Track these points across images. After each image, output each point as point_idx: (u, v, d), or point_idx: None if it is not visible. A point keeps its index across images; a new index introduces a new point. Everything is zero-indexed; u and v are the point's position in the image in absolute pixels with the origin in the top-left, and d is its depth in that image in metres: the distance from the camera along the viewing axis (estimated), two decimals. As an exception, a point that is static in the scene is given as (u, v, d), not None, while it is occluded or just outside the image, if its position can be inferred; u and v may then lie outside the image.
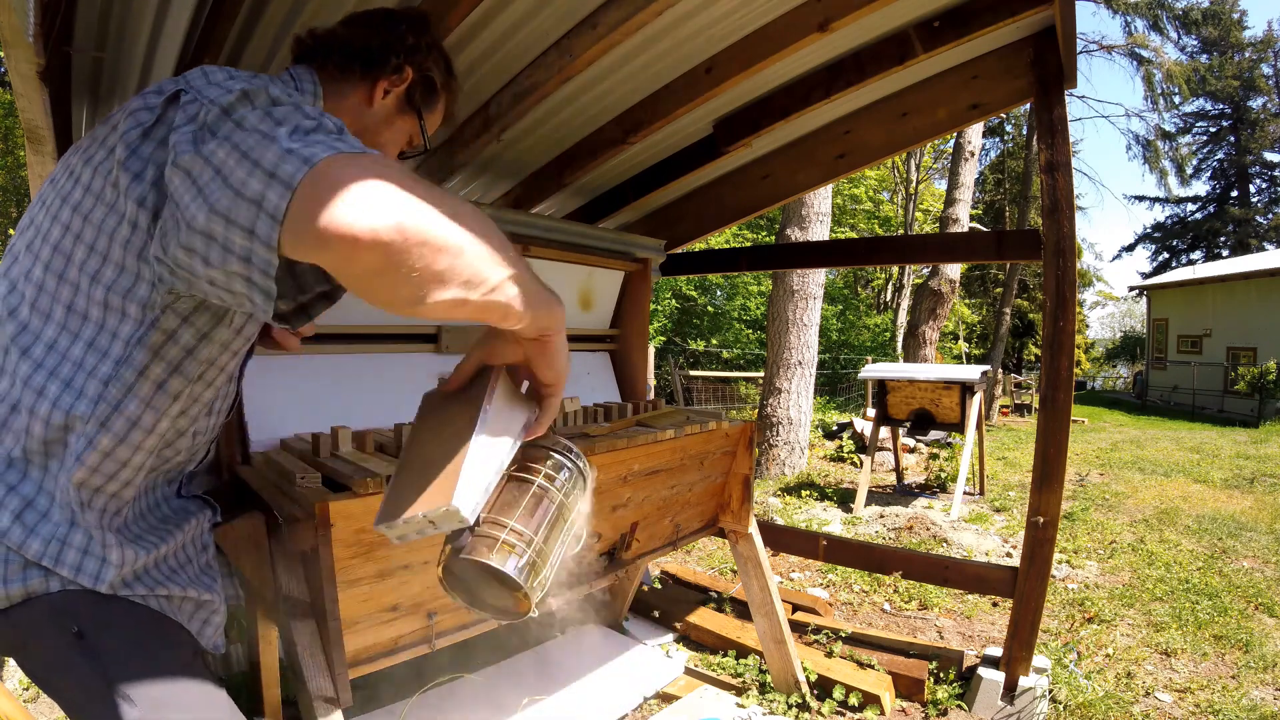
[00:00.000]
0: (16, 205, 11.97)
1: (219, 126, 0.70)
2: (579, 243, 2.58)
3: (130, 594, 0.89)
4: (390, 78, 1.06)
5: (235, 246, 0.66)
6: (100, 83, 1.77)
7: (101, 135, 0.83)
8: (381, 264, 0.60)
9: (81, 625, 0.84)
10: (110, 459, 0.86)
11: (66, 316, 0.82)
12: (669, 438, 1.94)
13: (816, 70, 2.39)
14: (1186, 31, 22.04)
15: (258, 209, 0.63)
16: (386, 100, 1.07)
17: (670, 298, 13.71)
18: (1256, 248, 25.66)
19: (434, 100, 1.13)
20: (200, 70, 0.82)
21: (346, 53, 1.04)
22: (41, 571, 0.83)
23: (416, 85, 1.09)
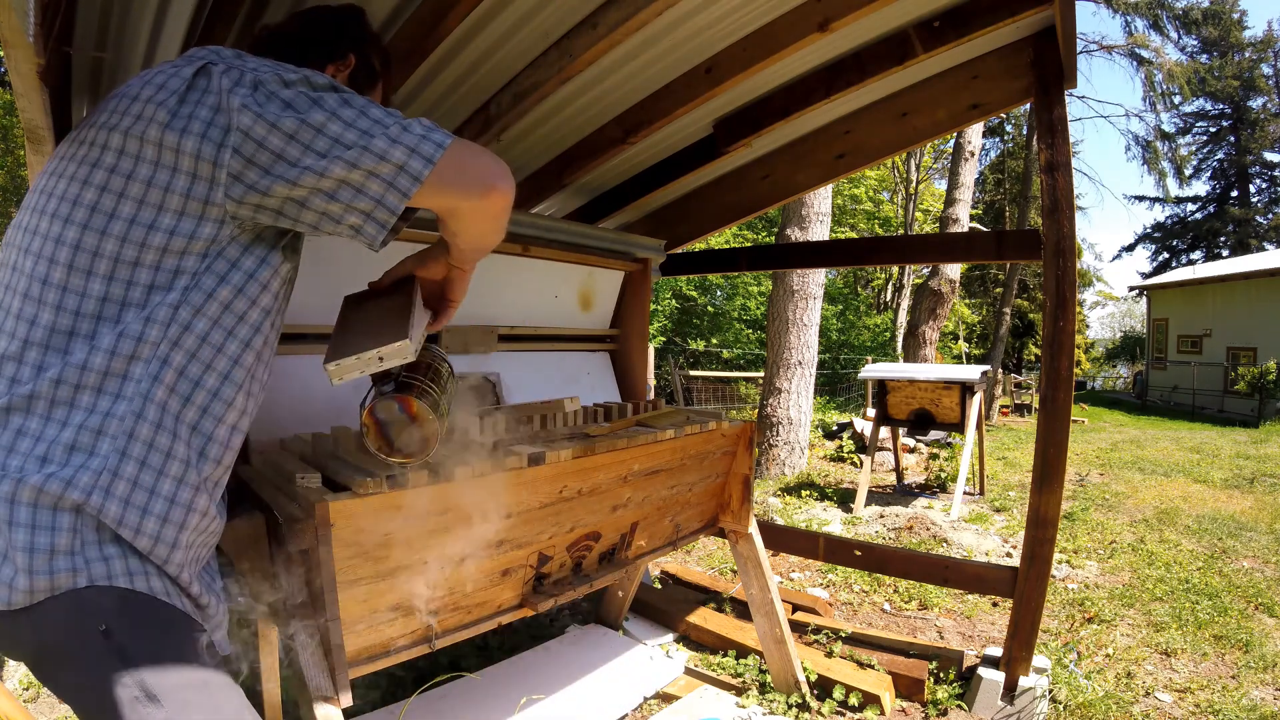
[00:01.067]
0: (16, 205, 11.97)
1: (287, 90, 0.89)
2: (579, 243, 2.58)
3: (154, 586, 0.88)
4: (336, 63, 1.19)
5: (370, 192, 0.90)
6: (100, 83, 1.77)
7: (121, 108, 0.90)
8: (499, 212, 1.01)
9: (109, 623, 0.83)
10: (184, 379, 0.92)
11: (114, 268, 0.88)
12: (669, 438, 1.94)
13: (816, 70, 2.39)
14: (1186, 31, 22.03)
15: (399, 170, 0.89)
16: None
17: (670, 298, 13.71)
18: (1256, 248, 25.65)
19: (373, 84, 1.27)
20: (209, 49, 0.96)
21: (294, 42, 1.17)
22: (71, 563, 0.82)
23: (360, 70, 1.23)
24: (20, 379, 0.86)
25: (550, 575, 1.78)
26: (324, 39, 1.18)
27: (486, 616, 1.64)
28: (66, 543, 0.83)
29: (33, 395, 0.85)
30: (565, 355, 2.80)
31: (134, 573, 0.87)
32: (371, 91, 1.27)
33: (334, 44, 1.19)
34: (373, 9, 1.73)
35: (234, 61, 0.92)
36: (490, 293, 2.44)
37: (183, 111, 0.88)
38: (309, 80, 0.91)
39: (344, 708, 1.25)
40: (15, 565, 0.81)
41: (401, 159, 0.89)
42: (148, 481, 0.88)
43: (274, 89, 0.89)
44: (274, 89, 0.89)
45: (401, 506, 1.33)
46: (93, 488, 0.83)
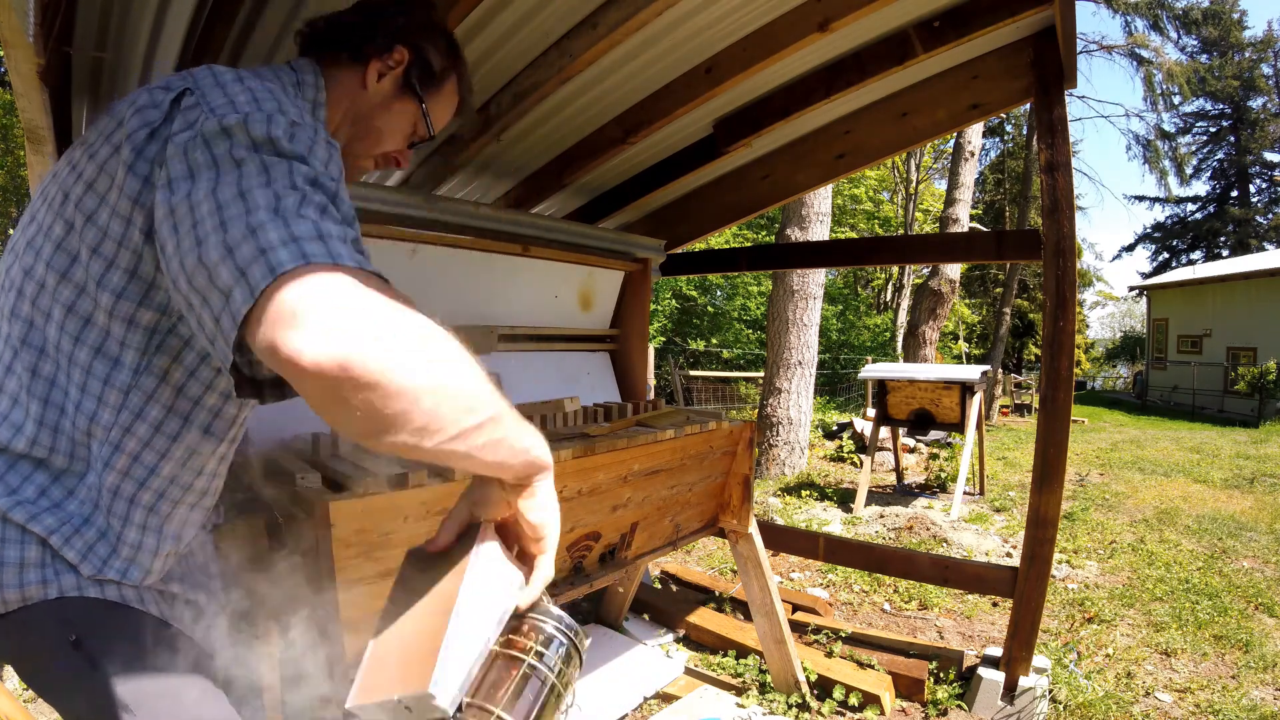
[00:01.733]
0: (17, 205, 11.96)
1: (213, 148, 0.68)
2: (579, 243, 2.58)
3: (125, 594, 0.88)
4: (382, 59, 1.01)
5: (204, 324, 0.65)
6: (100, 83, 1.77)
7: (107, 130, 0.80)
8: (325, 395, 0.57)
9: (79, 633, 0.82)
10: (138, 464, 0.86)
11: (65, 317, 0.81)
12: (669, 438, 1.94)
13: (816, 70, 2.39)
14: (1186, 31, 22.03)
15: (225, 300, 0.61)
16: (382, 84, 1.02)
17: (670, 298, 13.71)
18: (1256, 248, 25.65)
19: (435, 84, 1.06)
20: (208, 69, 0.81)
21: (335, 36, 1.02)
22: (41, 575, 0.82)
23: (413, 66, 1.03)
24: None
25: (550, 575, 1.78)
26: (366, 27, 1.02)
27: (486, 616, 1.64)
28: (36, 555, 0.82)
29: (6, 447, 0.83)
30: (565, 355, 2.80)
31: (104, 584, 0.86)
32: (434, 95, 1.07)
33: (377, 33, 1.01)
34: (373, 9, 1.73)
35: (210, 91, 0.75)
36: (490, 293, 2.44)
37: (147, 152, 0.76)
38: (248, 130, 0.69)
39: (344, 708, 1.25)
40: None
41: (227, 284, 0.60)
42: (110, 540, 0.86)
43: (211, 142, 0.69)
44: (211, 142, 0.69)
45: (402, 506, 1.33)
46: (55, 530, 0.82)
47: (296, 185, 0.66)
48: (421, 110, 1.05)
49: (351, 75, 1.01)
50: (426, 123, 1.07)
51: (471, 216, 2.15)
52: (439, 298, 2.27)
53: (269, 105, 0.74)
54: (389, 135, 1.05)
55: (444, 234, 2.13)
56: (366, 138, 1.04)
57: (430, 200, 2.00)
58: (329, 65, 1.01)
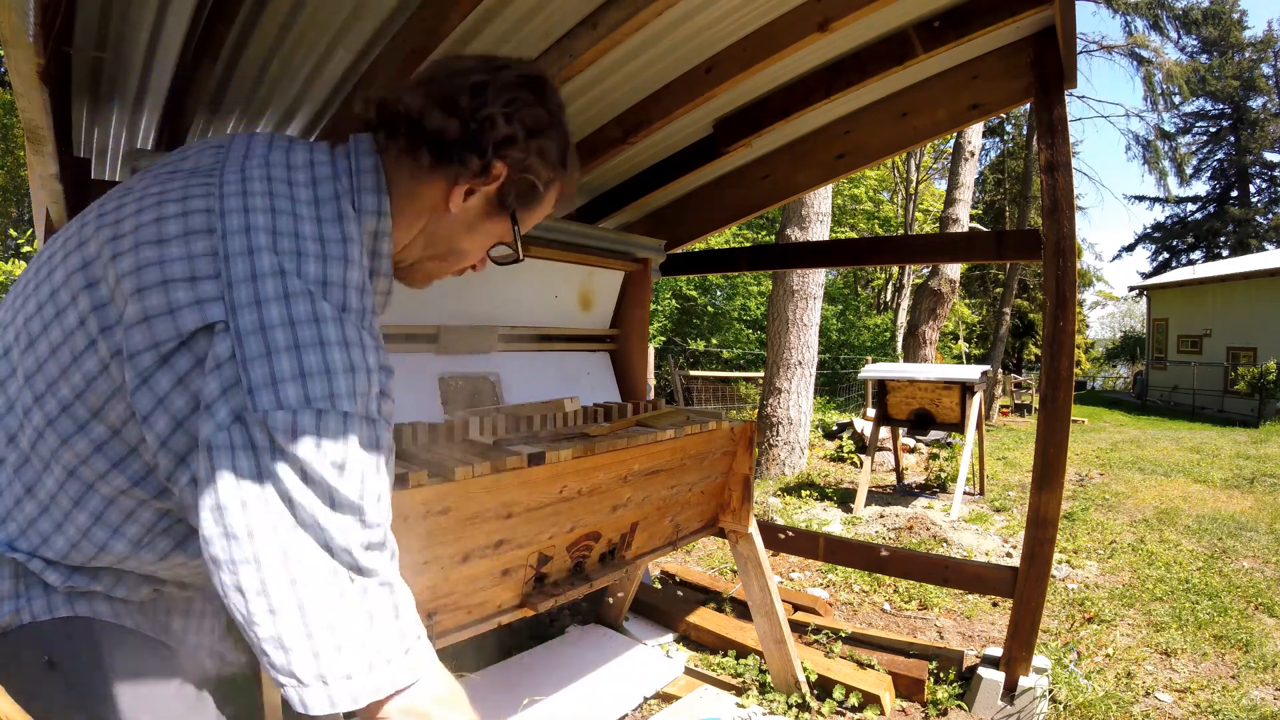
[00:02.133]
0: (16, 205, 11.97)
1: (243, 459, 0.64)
2: (579, 243, 2.58)
3: (98, 609, 0.86)
4: (474, 180, 0.81)
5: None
6: (100, 83, 1.77)
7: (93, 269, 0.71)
8: None
9: (52, 655, 0.81)
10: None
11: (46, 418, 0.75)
12: (669, 438, 1.94)
13: (816, 70, 2.39)
14: (1186, 31, 22.04)
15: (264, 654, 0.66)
16: (470, 203, 0.83)
17: (670, 298, 13.70)
18: (1256, 248, 25.64)
19: (535, 200, 0.88)
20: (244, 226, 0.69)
21: (416, 133, 0.78)
22: (15, 605, 0.81)
23: (511, 186, 0.83)
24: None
25: (550, 575, 1.78)
26: (453, 138, 0.78)
27: (487, 616, 1.64)
28: (10, 588, 0.81)
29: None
30: (565, 355, 2.80)
31: (75, 599, 0.84)
32: (531, 209, 0.89)
33: (471, 147, 0.78)
34: (372, 9, 1.73)
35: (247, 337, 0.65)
36: (490, 293, 2.44)
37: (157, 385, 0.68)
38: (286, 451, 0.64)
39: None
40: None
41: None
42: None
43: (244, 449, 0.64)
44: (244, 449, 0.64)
45: (401, 506, 1.33)
46: (33, 555, 0.81)
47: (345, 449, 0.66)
48: (514, 230, 0.88)
49: (430, 187, 0.82)
50: (516, 245, 0.90)
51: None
52: (439, 298, 2.27)
53: (319, 387, 0.66)
54: (470, 254, 0.90)
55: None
56: (445, 259, 0.89)
57: (430, 200, 1.99)
58: (400, 160, 0.81)
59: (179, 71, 1.78)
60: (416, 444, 1.58)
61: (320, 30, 1.77)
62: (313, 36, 1.79)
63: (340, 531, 0.66)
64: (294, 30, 1.75)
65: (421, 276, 0.92)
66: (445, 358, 2.29)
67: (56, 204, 1.79)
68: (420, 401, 2.13)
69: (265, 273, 0.67)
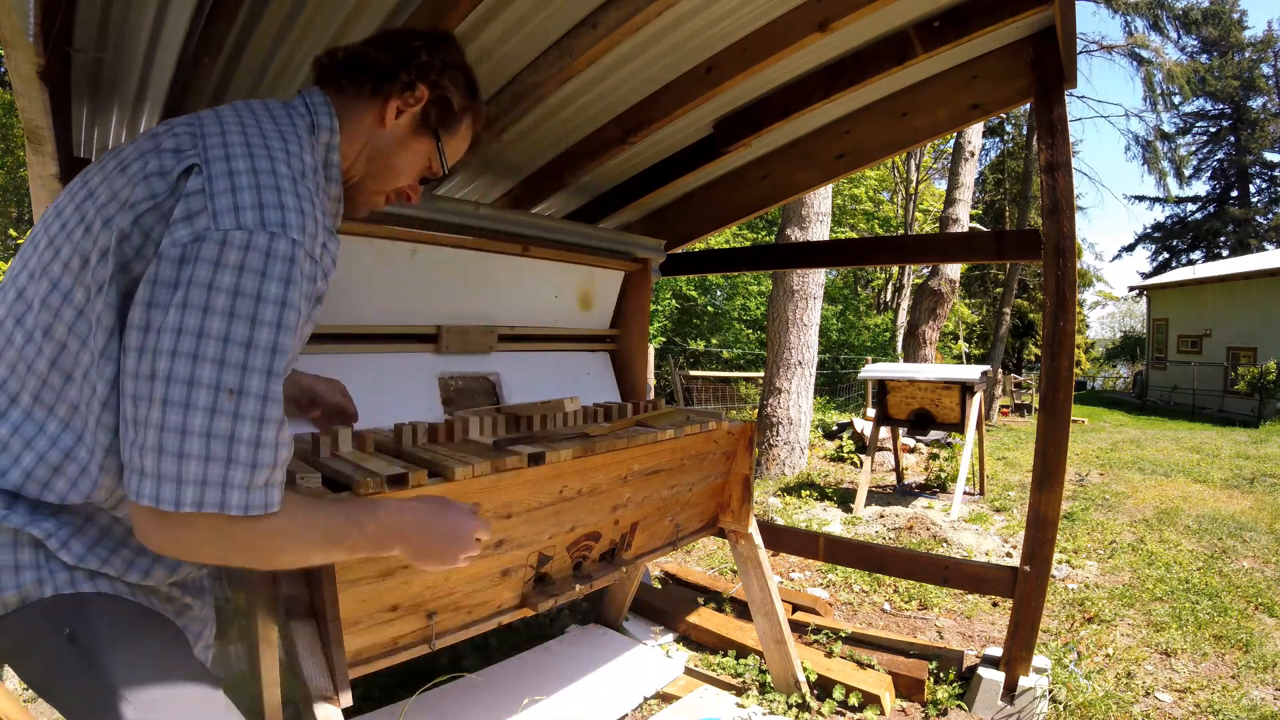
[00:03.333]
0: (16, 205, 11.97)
1: (198, 271, 0.75)
2: (579, 243, 2.58)
3: (118, 587, 0.90)
4: (402, 96, 1.01)
5: (129, 448, 0.78)
6: (100, 83, 1.77)
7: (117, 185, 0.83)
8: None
9: (73, 627, 0.84)
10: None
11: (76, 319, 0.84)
12: (669, 438, 1.94)
13: (816, 70, 2.39)
14: (1186, 31, 22.02)
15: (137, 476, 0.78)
16: (400, 121, 1.03)
17: (670, 298, 13.70)
18: (1256, 248, 25.65)
19: (453, 122, 1.08)
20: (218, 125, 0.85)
21: (357, 70, 1.01)
22: (36, 575, 0.84)
23: (432, 105, 1.04)
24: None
25: (550, 575, 1.78)
26: (388, 65, 1.01)
27: (487, 616, 1.64)
28: (31, 557, 0.85)
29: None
30: (565, 355, 2.80)
31: (97, 578, 0.88)
32: (451, 134, 1.09)
33: (399, 71, 1.00)
34: (372, 8, 1.73)
35: (217, 179, 0.79)
36: (490, 293, 2.44)
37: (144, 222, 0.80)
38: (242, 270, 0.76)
39: (344, 708, 1.25)
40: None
41: (140, 466, 0.77)
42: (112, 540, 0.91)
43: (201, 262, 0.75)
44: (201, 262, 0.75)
45: (401, 506, 1.33)
46: (53, 534, 0.86)
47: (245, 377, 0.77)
48: (438, 148, 1.07)
49: (370, 110, 1.02)
50: (442, 161, 1.08)
51: (471, 216, 2.15)
52: (439, 298, 2.27)
53: (273, 215, 0.79)
54: (404, 172, 1.07)
55: (444, 234, 2.13)
56: (382, 175, 1.06)
57: (430, 200, 2.00)
58: (346, 97, 1.01)
59: (179, 71, 1.78)
60: (416, 444, 1.58)
61: (320, 30, 1.77)
62: (313, 36, 1.79)
63: (255, 353, 0.77)
64: (294, 30, 1.75)
65: (364, 199, 1.08)
66: (445, 358, 2.29)
67: (56, 204, 1.78)
68: (420, 401, 2.13)
69: (235, 143, 0.83)
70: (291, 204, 0.81)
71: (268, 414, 0.79)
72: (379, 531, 0.95)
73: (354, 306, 2.04)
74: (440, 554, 1.02)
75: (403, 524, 0.98)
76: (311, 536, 0.88)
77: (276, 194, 0.80)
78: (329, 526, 0.90)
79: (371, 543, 0.95)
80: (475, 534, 1.06)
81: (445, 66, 1.04)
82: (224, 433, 0.76)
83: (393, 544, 0.98)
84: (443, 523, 1.03)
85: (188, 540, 0.80)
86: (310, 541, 0.88)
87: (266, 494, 0.81)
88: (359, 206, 1.09)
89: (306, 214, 0.83)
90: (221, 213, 0.76)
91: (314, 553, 0.90)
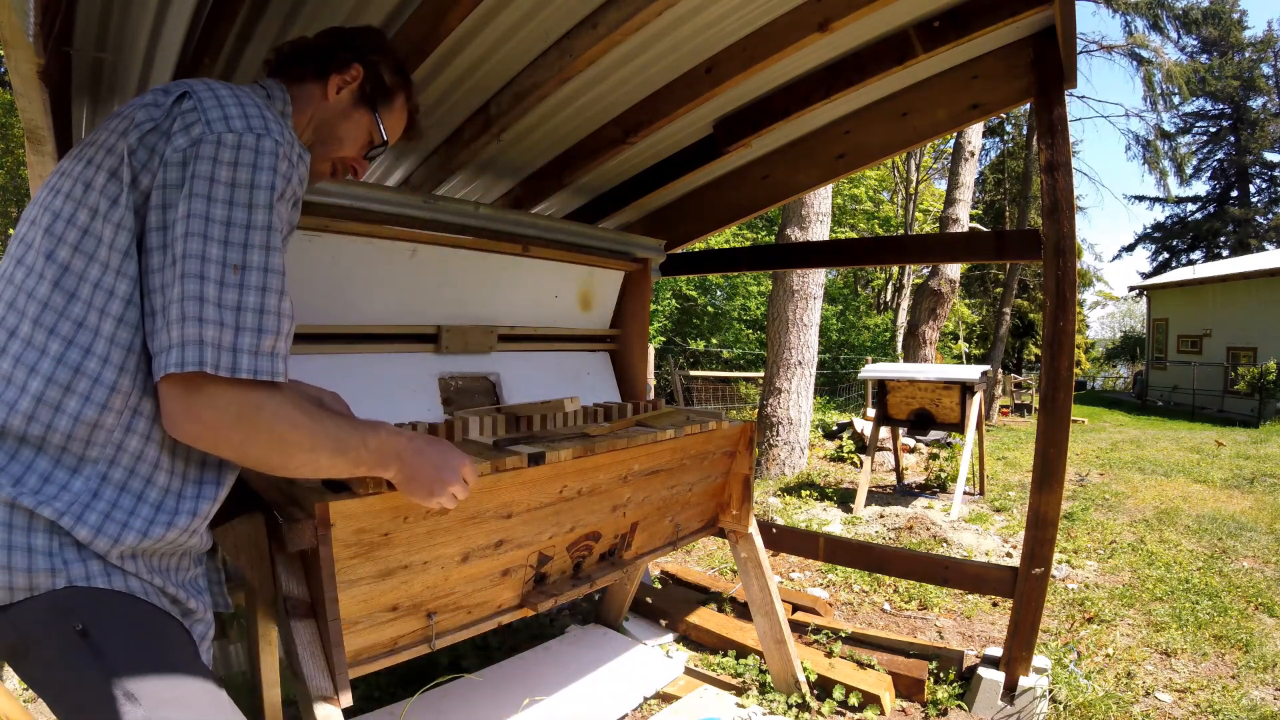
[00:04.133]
0: (17, 205, 11.96)
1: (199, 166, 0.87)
2: (579, 243, 2.58)
3: (131, 584, 0.90)
4: (341, 74, 1.17)
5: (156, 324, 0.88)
6: (100, 83, 1.77)
7: (120, 127, 0.92)
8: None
9: (85, 622, 0.84)
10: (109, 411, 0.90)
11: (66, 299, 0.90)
12: (669, 438, 1.94)
13: (816, 70, 2.39)
14: (1186, 31, 22.02)
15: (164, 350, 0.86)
16: (341, 95, 1.18)
17: (670, 298, 13.71)
18: (1256, 248, 25.64)
19: (388, 97, 1.24)
20: (202, 80, 0.96)
21: (302, 55, 1.18)
22: (49, 563, 0.84)
23: (367, 81, 1.20)
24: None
25: (550, 575, 1.78)
26: (327, 48, 1.18)
27: (487, 616, 1.64)
28: (45, 543, 0.84)
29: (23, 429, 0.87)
30: (565, 355, 2.80)
31: (112, 573, 0.88)
32: (387, 108, 1.24)
33: (337, 53, 1.18)
34: (373, 8, 1.73)
35: (206, 99, 0.92)
36: (490, 293, 2.44)
37: (148, 140, 0.90)
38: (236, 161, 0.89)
39: (344, 708, 1.25)
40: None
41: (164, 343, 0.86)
42: (123, 511, 0.90)
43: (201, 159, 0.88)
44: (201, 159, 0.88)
45: (401, 506, 1.33)
46: (65, 512, 0.85)
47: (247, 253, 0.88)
48: (375, 120, 1.23)
49: (315, 88, 1.17)
50: (380, 130, 1.24)
51: (471, 216, 2.15)
52: (439, 298, 2.27)
53: (257, 123, 0.92)
54: (349, 141, 1.22)
55: (444, 234, 2.13)
56: (329, 142, 1.20)
57: (430, 200, 2.00)
58: (296, 82, 1.17)
59: (179, 71, 1.78)
60: (416, 444, 1.58)
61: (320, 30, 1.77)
62: (313, 36, 1.79)
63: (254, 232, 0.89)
64: (294, 30, 1.75)
65: (313, 167, 1.21)
66: (445, 358, 2.29)
67: (56, 204, 1.78)
68: (420, 401, 2.14)
69: (216, 85, 0.97)
70: (271, 116, 0.95)
71: (269, 284, 0.89)
72: (379, 447, 1.04)
73: (354, 306, 2.04)
74: (430, 482, 1.10)
75: (399, 446, 1.07)
76: (322, 440, 0.95)
77: (257, 109, 0.94)
78: (338, 434, 0.98)
79: (372, 457, 1.03)
80: (464, 471, 1.14)
81: (375, 48, 1.22)
82: (232, 303, 0.86)
83: (389, 464, 1.06)
84: (435, 452, 1.12)
85: (212, 422, 0.87)
86: (320, 444, 0.95)
87: (273, 362, 0.89)
88: (310, 176, 1.21)
89: (283, 126, 0.97)
90: (214, 121, 0.89)
91: (322, 458, 0.96)
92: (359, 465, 1.02)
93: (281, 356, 0.91)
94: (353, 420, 1.05)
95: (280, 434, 0.91)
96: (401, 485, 1.10)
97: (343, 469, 1.01)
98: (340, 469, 1.01)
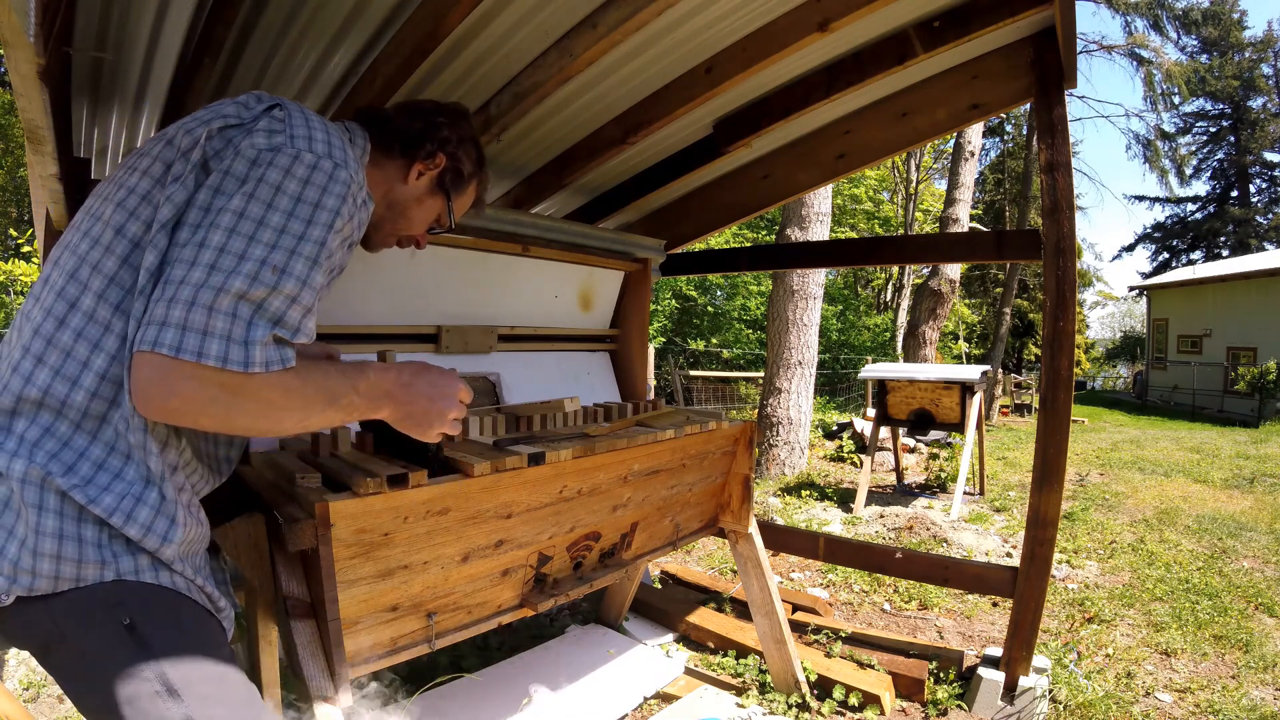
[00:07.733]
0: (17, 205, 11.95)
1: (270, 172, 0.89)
2: (579, 243, 2.58)
3: (177, 581, 0.92)
4: (425, 161, 1.22)
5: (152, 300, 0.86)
6: (100, 83, 1.77)
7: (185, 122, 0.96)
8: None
9: (133, 616, 0.84)
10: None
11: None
12: (669, 438, 1.94)
13: (816, 70, 2.39)
14: (1186, 31, 22.03)
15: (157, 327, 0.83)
16: (420, 181, 1.23)
17: (670, 298, 13.70)
18: (1256, 248, 25.64)
19: (463, 186, 1.29)
20: (296, 103, 1.02)
21: (391, 132, 1.20)
22: (99, 555, 0.84)
23: (448, 171, 1.25)
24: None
25: (550, 575, 1.78)
26: (418, 135, 1.20)
27: (487, 616, 1.64)
28: (95, 535, 0.84)
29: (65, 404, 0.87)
30: (565, 355, 2.80)
31: (159, 568, 0.89)
32: (459, 195, 1.29)
33: (425, 144, 1.21)
34: (373, 9, 1.73)
35: (295, 116, 0.95)
36: (490, 293, 2.44)
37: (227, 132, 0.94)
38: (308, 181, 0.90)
39: (344, 708, 1.25)
40: (41, 551, 0.81)
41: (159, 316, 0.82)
42: (169, 512, 0.91)
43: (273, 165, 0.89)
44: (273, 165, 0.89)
45: (401, 506, 1.33)
46: (115, 510, 0.85)
47: (291, 259, 0.87)
48: (447, 205, 1.29)
49: (396, 166, 1.22)
50: (450, 217, 1.31)
51: (472, 216, 2.15)
52: (439, 298, 2.27)
53: (339, 154, 0.95)
54: (416, 222, 1.28)
55: (444, 234, 2.12)
56: (398, 220, 1.25)
57: (430, 200, 1.99)
58: (377, 146, 1.19)
59: (179, 71, 1.78)
60: (416, 444, 1.58)
61: (320, 30, 1.77)
62: (313, 36, 1.79)
63: (307, 244, 0.89)
64: (294, 30, 1.75)
65: (379, 237, 1.27)
66: (445, 358, 2.29)
67: (56, 204, 1.79)
68: (420, 401, 2.13)
69: (309, 111, 1.01)
70: (352, 156, 0.98)
71: (302, 297, 0.88)
72: (370, 390, 0.99)
73: (354, 306, 2.04)
74: (425, 414, 1.06)
75: (388, 384, 1.02)
76: (314, 394, 0.91)
77: (341, 145, 0.97)
78: (330, 386, 0.94)
79: (365, 401, 0.99)
80: (458, 394, 1.09)
81: (461, 140, 1.26)
82: (258, 300, 0.84)
83: (381, 405, 1.02)
84: (424, 382, 1.06)
85: (192, 396, 0.81)
86: (312, 400, 0.91)
87: (281, 352, 0.87)
88: (373, 243, 1.27)
89: (359, 168, 1.00)
90: (298, 138, 0.92)
91: (314, 412, 0.92)
92: (352, 413, 0.98)
93: (290, 346, 0.90)
94: (340, 366, 0.99)
95: (273, 402, 0.87)
96: (398, 424, 1.06)
97: (336, 419, 0.97)
98: (333, 420, 0.96)
